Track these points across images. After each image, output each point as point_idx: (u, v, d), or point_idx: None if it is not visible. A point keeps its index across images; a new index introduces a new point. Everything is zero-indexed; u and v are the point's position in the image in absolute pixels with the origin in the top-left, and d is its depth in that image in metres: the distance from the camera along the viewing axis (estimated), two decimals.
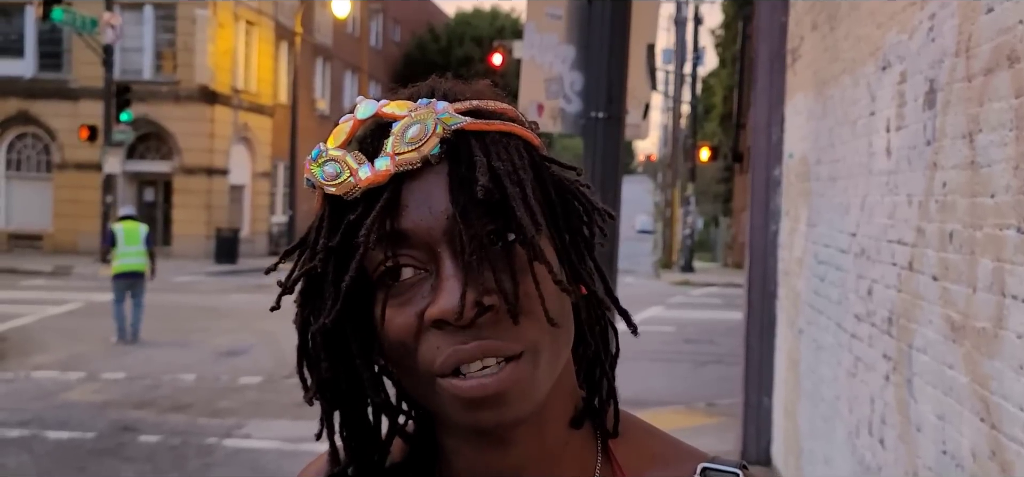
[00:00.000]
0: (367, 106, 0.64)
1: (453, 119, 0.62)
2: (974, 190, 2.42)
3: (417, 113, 0.62)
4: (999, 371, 2.19)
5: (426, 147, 0.61)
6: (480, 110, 0.64)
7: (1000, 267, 2.20)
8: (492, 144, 0.62)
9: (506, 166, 0.61)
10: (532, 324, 0.60)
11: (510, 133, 0.64)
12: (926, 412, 2.80)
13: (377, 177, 0.61)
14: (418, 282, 0.61)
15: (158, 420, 6.91)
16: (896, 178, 3.28)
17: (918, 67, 3.01)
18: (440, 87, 0.67)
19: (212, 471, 5.76)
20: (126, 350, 9.88)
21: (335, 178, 0.62)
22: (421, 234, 0.60)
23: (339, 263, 0.62)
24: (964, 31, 2.51)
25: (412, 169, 0.60)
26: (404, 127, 0.61)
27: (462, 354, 0.59)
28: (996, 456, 2.19)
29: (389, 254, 0.60)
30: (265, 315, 5.41)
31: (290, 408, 7.37)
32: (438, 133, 0.61)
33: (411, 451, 0.70)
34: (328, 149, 0.64)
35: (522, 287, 0.60)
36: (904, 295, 3.13)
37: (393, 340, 0.61)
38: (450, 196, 0.60)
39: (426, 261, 0.61)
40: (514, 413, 0.60)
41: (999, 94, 2.24)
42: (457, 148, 0.61)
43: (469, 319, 0.58)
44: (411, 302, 0.61)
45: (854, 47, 4.11)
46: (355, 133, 0.64)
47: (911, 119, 3.10)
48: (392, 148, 0.61)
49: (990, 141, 2.30)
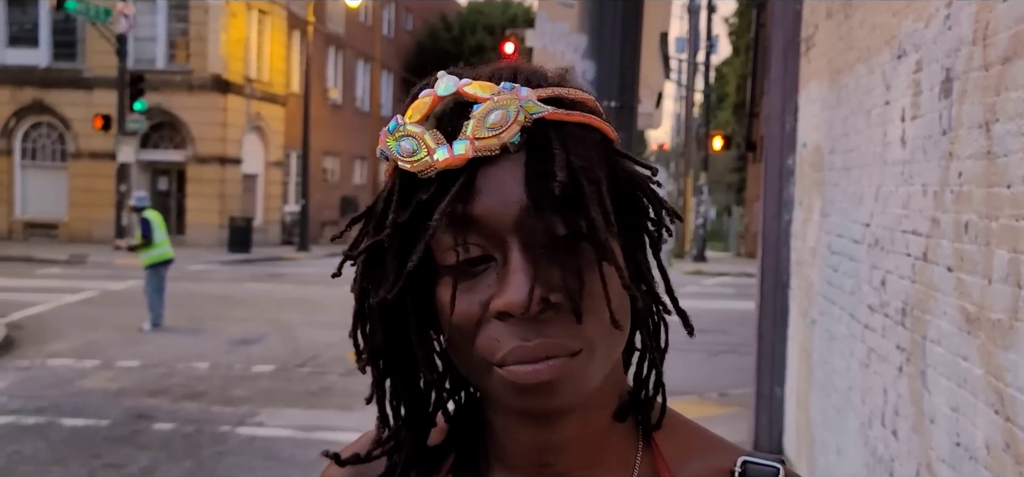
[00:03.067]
0: (448, 83, 0.63)
1: (535, 108, 0.61)
2: (990, 180, 2.39)
3: (500, 98, 0.61)
4: (1014, 363, 2.17)
5: (506, 134, 0.60)
6: (561, 99, 0.63)
7: (1016, 258, 2.18)
8: (571, 136, 0.61)
9: (583, 161, 0.61)
10: (593, 322, 0.60)
11: (588, 125, 0.64)
12: (940, 404, 2.78)
13: (454, 160, 0.60)
14: (484, 270, 0.61)
15: (172, 408, 6.95)
16: (911, 168, 3.25)
17: (934, 55, 2.98)
18: (522, 70, 0.65)
19: (225, 459, 5.79)
20: (141, 338, 9.95)
21: (411, 155, 0.61)
22: (492, 222, 0.59)
23: (405, 241, 0.62)
24: (981, 19, 2.48)
25: (490, 155, 0.60)
26: (486, 111, 0.60)
27: (524, 353, 0.59)
28: (1010, 448, 2.18)
29: (458, 238, 0.60)
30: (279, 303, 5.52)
31: (303, 396, 7.40)
32: (519, 121, 0.60)
33: (453, 425, 0.71)
34: (406, 123, 0.63)
35: (587, 286, 0.60)
36: (918, 286, 3.10)
37: (454, 324, 0.62)
38: (525, 187, 0.59)
39: (493, 249, 0.60)
40: (563, 402, 0.61)
41: (1017, 83, 2.21)
42: (536, 138, 0.60)
43: (534, 314, 0.58)
44: (475, 289, 0.61)
45: (869, 35, 4.07)
46: (433, 109, 0.63)
47: (927, 108, 3.07)
48: (472, 132, 0.60)
49: (1007, 131, 2.27)
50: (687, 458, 0.69)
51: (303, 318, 11.60)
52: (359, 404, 4.05)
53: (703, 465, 0.68)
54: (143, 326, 10.40)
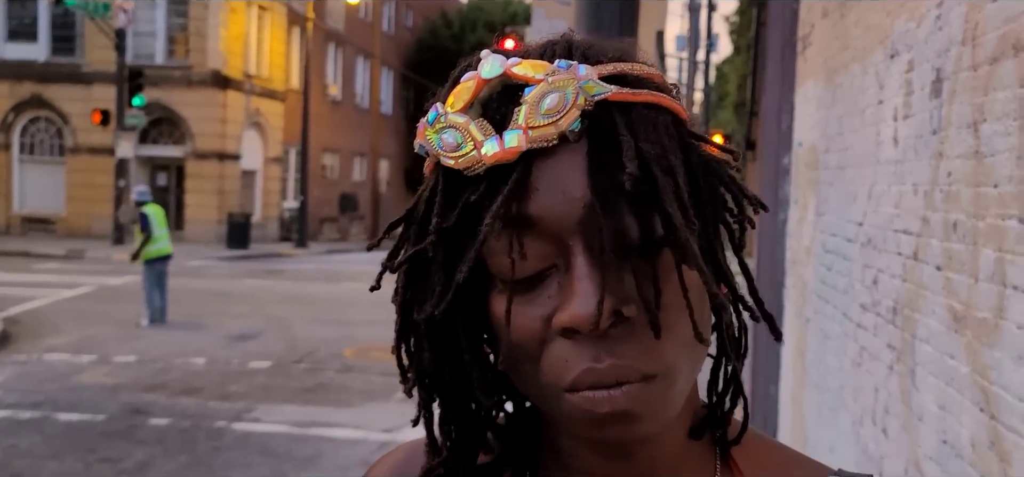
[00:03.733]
0: (493, 63, 0.54)
1: (597, 88, 0.52)
2: (978, 180, 2.41)
3: (555, 78, 0.52)
4: (999, 361, 2.19)
5: (565, 121, 0.51)
6: (626, 75, 0.55)
7: (1002, 257, 2.20)
8: (639, 120, 0.53)
9: (655, 149, 0.52)
10: (673, 338, 0.52)
11: (658, 105, 0.55)
12: (928, 402, 2.80)
13: (506, 154, 0.51)
14: (544, 278, 0.53)
15: (169, 403, 6.97)
16: (903, 167, 3.26)
17: (925, 55, 2.99)
18: (578, 44, 0.56)
19: (221, 454, 5.81)
20: (138, 334, 9.97)
21: (455, 149, 0.53)
22: (552, 223, 0.51)
23: (452, 248, 0.54)
24: (970, 19, 2.50)
25: (546, 146, 0.51)
26: (540, 95, 0.52)
27: (597, 376, 0.51)
28: (995, 446, 2.19)
29: (513, 244, 0.52)
30: (276, 300, 5.54)
31: (299, 393, 7.42)
32: (579, 104, 0.52)
33: (506, 442, 0.63)
34: (447, 113, 0.54)
35: (665, 295, 0.52)
36: (909, 285, 3.12)
37: (513, 343, 0.54)
38: (589, 181, 0.51)
39: (555, 255, 0.52)
40: (642, 432, 0.54)
41: (1004, 83, 2.22)
42: (599, 123, 0.52)
43: (605, 330, 0.51)
44: (535, 301, 0.53)
45: (863, 35, 4.09)
46: (478, 94, 0.54)
47: (918, 108, 3.09)
48: (525, 120, 0.52)
49: (994, 131, 2.29)
50: (769, 475, 0.62)
51: (301, 314, 11.62)
52: (355, 400, 4.12)
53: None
54: (140, 322, 10.42)
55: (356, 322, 10.95)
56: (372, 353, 9.17)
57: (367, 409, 6.94)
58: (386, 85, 33.38)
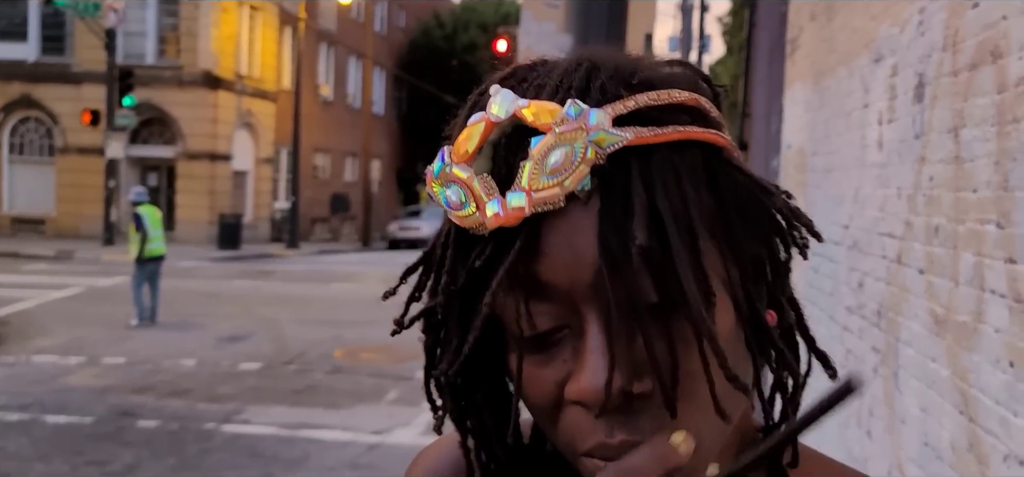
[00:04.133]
0: (503, 102, 0.50)
1: (610, 139, 0.48)
2: (958, 184, 2.43)
3: (563, 131, 0.48)
4: (977, 364, 2.21)
5: (572, 181, 0.47)
6: (649, 110, 0.49)
7: (980, 261, 2.22)
8: (659, 167, 0.48)
9: (674, 203, 0.48)
10: (695, 408, 0.49)
11: (685, 143, 0.50)
12: (910, 405, 2.82)
13: (508, 219, 0.48)
14: (559, 340, 0.50)
15: (157, 405, 6.95)
16: (887, 171, 3.28)
17: (908, 60, 3.02)
18: (601, 70, 0.51)
19: (210, 456, 5.80)
20: (127, 335, 9.94)
21: (459, 207, 0.50)
22: (562, 287, 0.48)
23: (463, 310, 0.52)
24: (951, 25, 2.52)
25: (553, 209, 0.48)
26: (545, 150, 0.48)
27: (608, 450, 0.49)
28: (973, 448, 2.21)
29: (521, 311, 0.49)
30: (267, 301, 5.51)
31: (289, 394, 7.41)
32: (589, 159, 0.47)
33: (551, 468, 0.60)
34: (452, 165, 0.51)
35: (684, 365, 0.48)
36: (893, 288, 3.14)
37: (529, 404, 0.52)
38: (598, 246, 0.47)
39: (568, 316, 0.49)
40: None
41: (983, 89, 2.24)
42: (612, 177, 0.48)
43: (614, 407, 0.48)
44: (550, 363, 0.50)
45: (850, 39, 4.11)
46: (487, 136, 0.51)
47: (901, 112, 3.11)
48: (528, 181, 0.48)
49: (974, 136, 2.31)
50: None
51: (291, 316, 11.60)
52: (345, 402, 4.11)
53: None
54: (130, 322, 10.41)
55: (346, 323, 10.94)
56: (362, 355, 9.16)
57: (356, 411, 6.94)
58: (378, 85, 33.37)
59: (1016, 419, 1.98)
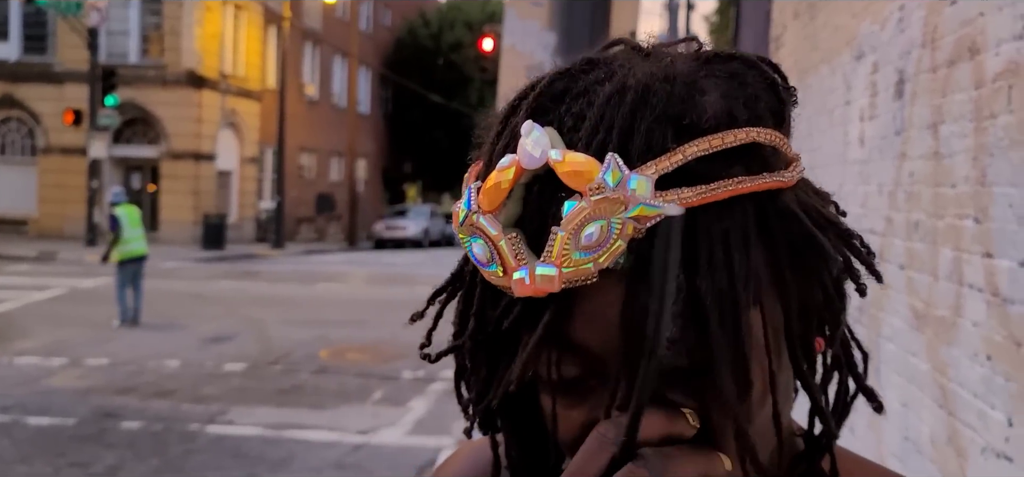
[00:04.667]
0: (536, 147, 0.45)
1: (651, 211, 0.44)
2: (937, 179, 2.44)
3: (599, 203, 0.44)
4: (956, 358, 2.22)
5: (607, 258, 0.44)
6: (699, 164, 0.44)
7: (958, 256, 2.23)
8: (705, 239, 0.44)
9: (718, 283, 0.44)
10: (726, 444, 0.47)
11: (736, 200, 0.45)
12: (891, 400, 2.84)
13: (537, 291, 0.45)
14: (590, 385, 0.48)
15: (140, 406, 6.91)
16: (868, 167, 3.31)
17: (889, 57, 3.03)
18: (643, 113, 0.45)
19: (193, 457, 5.77)
20: (110, 336, 9.87)
21: (486, 265, 0.47)
22: (594, 349, 0.46)
23: (491, 357, 0.51)
24: (929, 23, 2.54)
25: None
26: (579, 222, 0.44)
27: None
28: (952, 441, 2.23)
29: (552, 363, 0.48)
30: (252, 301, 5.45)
31: (274, 395, 7.38)
32: (627, 234, 0.44)
33: None
34: (479, 215, 0.47)
35: (717, 428, 0.47)
36: (875, 284, 3.16)
37: (560, 441, 0.51)
38: (621, 333, 0.45)
39: (599, 371, 0.47)
40: None
41: (961, 85, 2.26)
42: (650, 251, 0.43)
43: None
44: (581, 405, 0.49)
45: (832, 37, 4.13)
46: (518, 179, 0.46)
47: (882, 109, 3.13)
48: (558, 255, 0.44)
49: (952, 132, 2.32)
50: None
51: (277, 316, 11.55)
52: (330, 402, 4.08)
53: None
54: (113, 323, 10.34)
55: (332, 323, 10.90)
56: (347, 355, 9.14)
57: (342, 411, 6.91)
58: (364, 84, 33.27)
59: (993, 412, 2.00)
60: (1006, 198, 1.96)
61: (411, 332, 3.21)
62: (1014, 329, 1.91)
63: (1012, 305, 1.92)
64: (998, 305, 2.00)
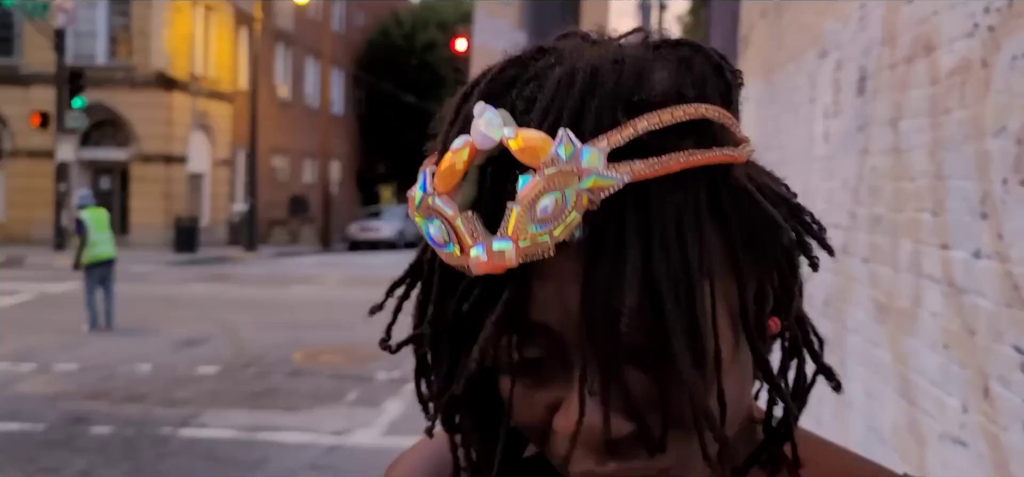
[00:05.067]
0: (490, 127, 0.46)
1: (604, 181, 0.44)
2: (898, 174, 2.50)
3: (553, 175, 0.44)
4: (916, 348, 2.28)
5: (563, 231, 0.44)
6: (651, 137, 0.45)
7: (918, 249, 2.29)
8: (658, 212, 0.45)
9: (672, 257, 0.44)
10: (684, 437, 0.47)
11: (690, 173, 0.46)
12: (855, 390, 2.90)
13: (494, 267, 0.45)
14: (551, 365, 0.48)
15: (111, 411, 6.84)
16: (833, 163, 3.36)
17: (851, 55, 3.09)
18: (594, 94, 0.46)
19: (165, 460, 5.73)
20: (80, 341, 9.76)
21: (443, 246, 0.47)
22: (553, 328, 0.47)
23: (452, 344, 0.50)
24: (888, 20, 2.59)
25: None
26: (534, 195, 0.44)
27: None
28: (912, 429, 2.28)
29: (512, 345, 0.48)
30: (225, 304, 5.42)
31: (248, 397, 7.34)
32: (582, 206, 0.44)
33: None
34: (435, 196, 0.48)
35: (675, 404, 0.47)
36: (839, 278, 3.22)
37: (519, 424, 0.51)
38: (582, 308, 0.45)
39: (559, 350, 0.47)
40: None
41: (918, 82, 2.31)
42: (605, 224, 0.44)
43: (599, 448, 0.47)
44: (541, 387, 0.49)
45: (797, 35, 4.20)
46: (472, 160, 0.47)
47: (846, 106, 3.19)
48: (514, 230, 0.45)
49: (911, 127, 2.38)
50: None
51: (250, 319, 11.48)
52: (304, 404, 4.08)
53: None
54: (82, 328, 10.23)
55: (306, 326, 10.84)
56: (321, 357, 9.10)
57: (316, 413, 6.89)
58: (337, 85, 33.11)
59: (949, 399, 2.05)
60: (960, 191, 2.02)
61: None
62: (968, 318, 1.96)
63: (966, 295, 1.98)
64: (954, 295, 2.05)
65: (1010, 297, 1.77)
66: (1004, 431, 1.80)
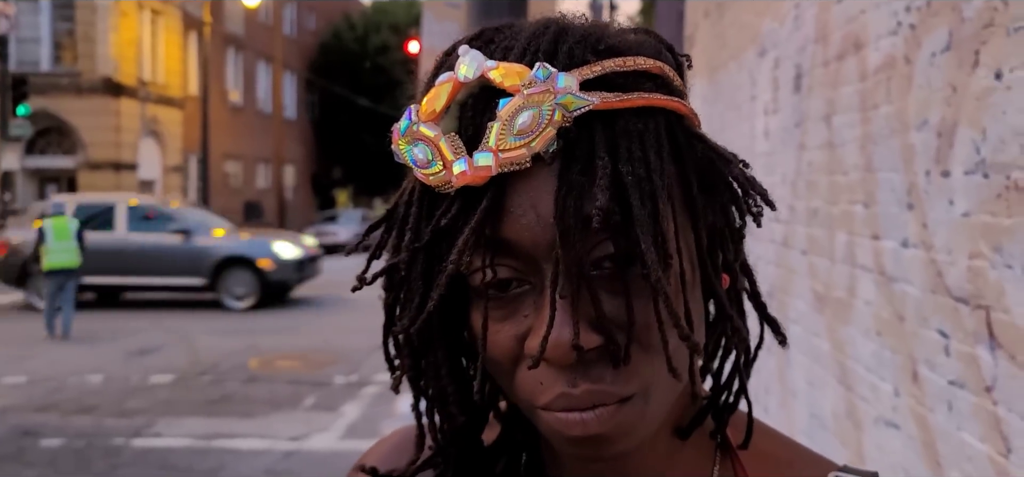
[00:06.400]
0: (471, 64, 0.51)
1: (576, 102, 0.48)
2: (832, 168, 2.59)
3: (531, 93, 0.48)
4: (852, 336, 2.36)
5: (539, 143, 0.48)
6: (615, 76, 0.50)
7: (851, 240, 2.37)
8: (624, 134, 0.49)
9: (637, 170, 0.49)
10: (649, 360, 0.50)
11: (650, 110, 0.51)
12: (798, 379, 2.98)
13: (475, 177, 0.49)
14: (521, 294, 0.51)
15: (62, 423, 6.71)
16: (773, 159, 3.45)
17: (788, 53, 3.18)
18: (568, 35, 0.51)
19: (118, 471, 5.64)
20: (28, 354, 9.55)
21: (426, 165, 0.51)
22: (525, 245, 0.49)
23: (427, 266, 0.52)
24: (821, 19, 2.68)
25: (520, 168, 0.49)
26: (513, 111, 0.48)
27: (571, 400, 0.50)
28: (850, 415, 2.37)
29: (486, 264, 0.50)
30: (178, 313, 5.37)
31: (203, 405, 7.26)
32: (556, 122, 0.48)
33: (506, 425, 0.61)
34: (419, 123, 0.51)
35: (640, 319, 0.49)
36: (781, 270, 3.31)
37: (491, 359, 0.52)
38: (556, 207, 0.48)
39: (530, 273, 0.50)
40: (617, 450, 0.52)
41: (848, 78, 2.40)
42: (577, 140, 0.49)
43: (568, 362, 0.49)
44: (512, 318, 0.51)
45: (738, 34, 4.29)
46: (455, 96, 0.51)
47: (784, 103, 3.28)
48: (495, 141, 0.48)
49: (843, 122, 2.46)
50: (772, 471, 0.60)
51: (204, 326, 11.33)
52: (260, 410, 4.06)
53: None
54: (44, 332, 10.23)
55: (262, 332, 10.74)
56: (277, 363, 9.03)
57: (272, 419, 6.84)
58: (289, 89, 32.77)
59: (883, 384, 2.13)
60: (888, 183, 2.10)
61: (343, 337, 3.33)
62: (898, 305, 2.05)
63: (896, 283, 2.06)
64: (885, 284, 2.13)
65: (934, 284, 1.86)
66: (931, 412, 1.88)
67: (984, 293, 1.62)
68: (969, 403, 1.69)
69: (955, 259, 1.74)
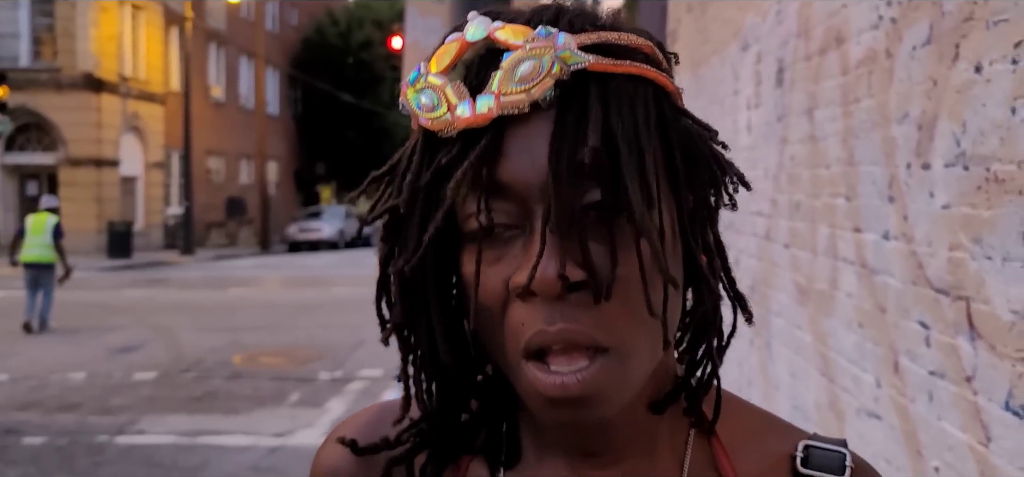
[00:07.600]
0: (478, 27, 0.55)
1: (574, 58, 0.53)
2: (814, 162, 2.61)
3: (533, 46, 0.53)
4: (834, 328, 2.38)
5: (538, 90, 0.52)
6: (609, 45, 0.54)
7: (833, 233, 2.39)
8: (615, 93, 0.53)
9: (626, 124, 0.52)
10: (628, 313, 0.52)
11: (640, 78, 0.54)
12: (781, 371, 3.01)
13: (477, 119, 0.53)
14: (511, 239, 0.54)
15: (44, 421, 6.66)
16: (755, 153, 3.48)
17: (770, 48, 3.20)
18: (568, 11, 0.56)
19: (102, 469, 5.61)
20: (9, 352, 9.46)
21: (431, 110, 0.54)
22: (519, 188, 0.52)
23: (425, 206, 0.55)
24: (803, 14, 2.70)
25: (519, 113, 0.52)
26: (516, 61, 0.53)
27: (546, 337, 0.52)
28: (833, 406, 2.39)
29: (481, 206, 0.53)
30: (162, 309, 5.35)
31: (187, 402, 7.22)
32: (554, 73, 0.52)
33: (483, 398, 0.63)
34: (428, 74, 0.55)
35: (622, 266, 0.52)
36: (763, 263, 3.33)
37: (479, 304, 0.55)
38: (549, 151, 0.51)
39: (521, 218, 0.53)
40: (596, 415, 0.54)
41: (830, 72, 2.42)
42: (573, 93, 0.52)
43: (553, 293, 0.51)
44: (500, 261, 0.54)
45: (721, 29, 4.32)
46: (461, 55, 0.55)
47: (766, 97, 3.30)
48: (498, 86, 0.53)
49: (825, 116, 2.48)
50: (744, 442, 0.62)
51: (188, 323, 11.27)
52: (244, 407, 4.05)
53: (762, 450, 0.62)
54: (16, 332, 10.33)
55: (245, 328, 10.69)
56: (261, 359, 8.99)
57: (256, 415, 6.82)
58: (272, 85, 32.58)
59: (864, 375, 2.15)
60: (870, 176, 2.12)
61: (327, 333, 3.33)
62: (879, 297, 2.07)
63: (877, 275, 2.08)
64: (866, 276, 2.16)
65: (915, 275, 1.88)
66: (912, 402, 1.90)
67: (964, 284, 1.64)
68: (949, 393, 1.71)
69: (935, 251, 1.76)
